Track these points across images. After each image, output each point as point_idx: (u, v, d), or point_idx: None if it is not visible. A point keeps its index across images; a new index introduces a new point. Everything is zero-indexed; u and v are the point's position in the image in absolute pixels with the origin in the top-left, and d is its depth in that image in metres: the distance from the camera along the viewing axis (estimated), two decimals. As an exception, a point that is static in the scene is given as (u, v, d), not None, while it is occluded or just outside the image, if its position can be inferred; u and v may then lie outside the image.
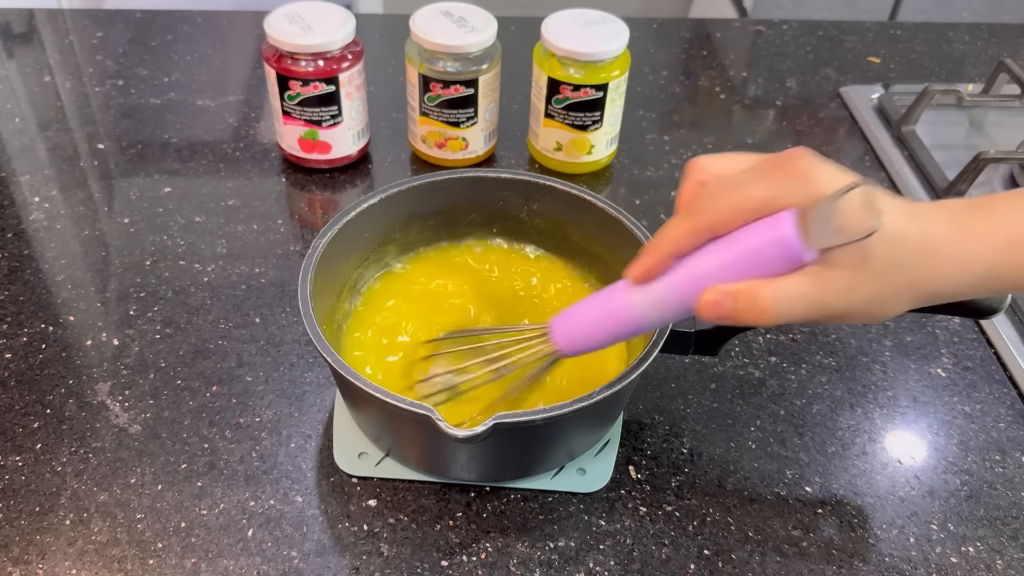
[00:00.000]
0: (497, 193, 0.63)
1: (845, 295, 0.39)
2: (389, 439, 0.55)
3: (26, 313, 0.66)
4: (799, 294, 0.39)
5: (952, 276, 0.40)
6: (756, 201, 0.39)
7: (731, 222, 0.40)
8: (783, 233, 0.38)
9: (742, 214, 0.39)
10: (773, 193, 0.39)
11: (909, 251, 0.39)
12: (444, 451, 0.53)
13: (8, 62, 0.94)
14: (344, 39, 0.73)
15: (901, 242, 0.38)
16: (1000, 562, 0.53)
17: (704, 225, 0.40)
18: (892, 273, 0.39)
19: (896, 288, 0.40)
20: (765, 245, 0.39)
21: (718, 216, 0.40)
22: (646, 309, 0.43)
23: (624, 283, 0.44)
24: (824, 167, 0.39)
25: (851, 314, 0.40)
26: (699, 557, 0.53)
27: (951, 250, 0.39)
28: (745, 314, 0.39)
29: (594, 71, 0.74)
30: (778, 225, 0.38)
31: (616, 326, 0.45)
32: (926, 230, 0.39)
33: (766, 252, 0.39)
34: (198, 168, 0.81)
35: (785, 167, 0.39)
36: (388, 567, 0.52)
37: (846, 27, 1.08)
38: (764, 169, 0.40)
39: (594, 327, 0.46)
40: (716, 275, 0.40)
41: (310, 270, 0.53)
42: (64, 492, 0.54)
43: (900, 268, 0.39)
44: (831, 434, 0.60)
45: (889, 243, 0.38)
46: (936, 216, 0.40)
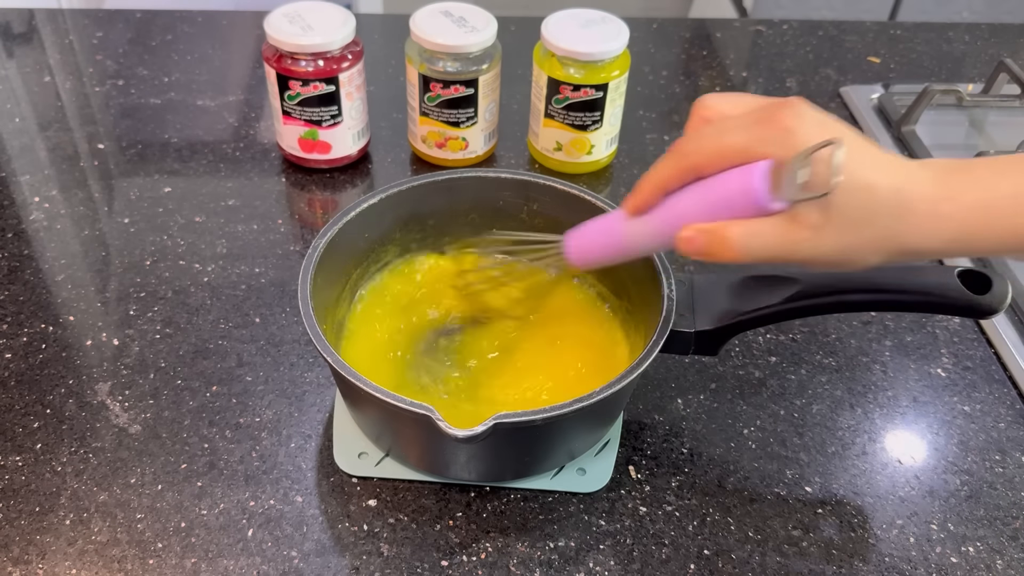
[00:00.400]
0: (497, 193, 0.63)
1: (811, 242, 0.41)
2: (389, 439, 0.55)
3: (26, 313, 0.66)
4: (764, 237, 0.41)
5: (925, 234, 0.41)
6: (737, 148, 0.41)
7: (713, 165, 0.42)
8: (752, 183, 0.41)
9: (723, 159, 0.42)
10: (753, 142, 0.41)
11: (881, 206, 0.40)
12: (444, 451, 0.53)
13: (8, 62, 0.94)
14: (344, 39, 0.73)
15: (872, 196, 0.40)
16: (1000, 562, 0.53)
17: (688, 166, 0.43)
18: (862, 226, 0.40)
19: (866, 240, 0.41)
20: (736, 191, 0.42)
21: (701, 159, 0.43)
22: (638, 237, 0.47)
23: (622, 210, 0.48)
24: (809, 120, 0.40)
25: (820, 261, 0.42)
26: (699, 557, 0.53)
27: (925, 208, 0.40)
28: (714, 250, 0.42)
29: (594, 71, 0.74)
30: (749, 175, 0.41)
31: (614, 249, 0.50)
32: (902, 187, 0.40)
33: (737, 198, 0.42)
34: (198, 168, 0.81)
35: (773, 119, 0.41)
36: (388, 567, 0.52)
37: (846, 27, 1.08)
38: (754, 118, 0.42)
39: (596, 248, 0.51)
40: (694, 214, 0.43)
41: (310, 270, 0.53)
42: (64, 492, 0.54)
43: (871, 222, 0.40)
44: (831, 434, 0.60)
45: (860, 196, 0.40)
46: (915, 174, 0.41)
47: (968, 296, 0.49)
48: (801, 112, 0.41)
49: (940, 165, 0.42)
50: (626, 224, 0.48)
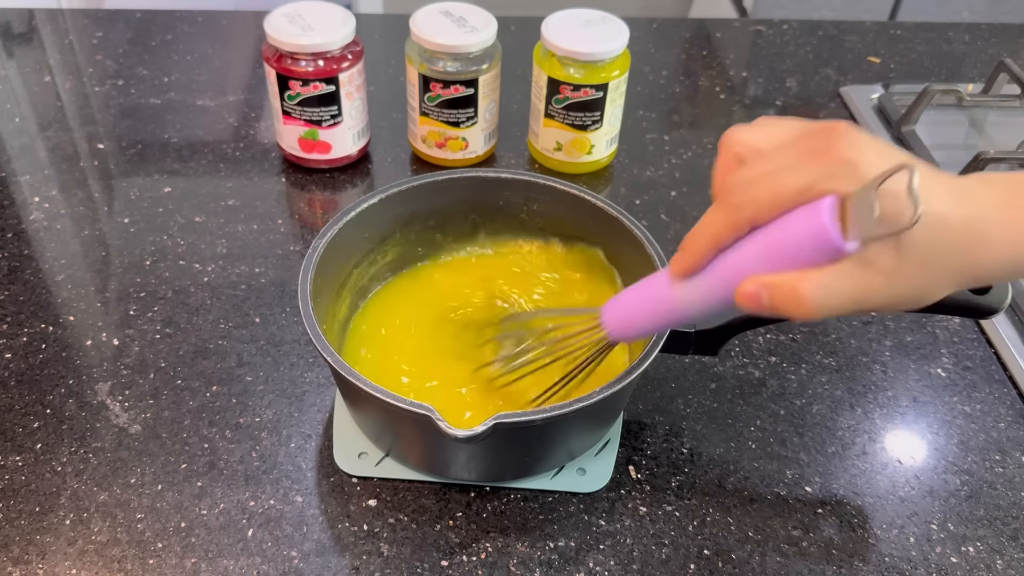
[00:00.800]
0: (497, 193, 0.63)
1: (888, 287, 0.37)
2: (389, 439, 0.55)
3: (26, 313, 0.66)
4: (840, 287, 0.37)
5: (1000, 260, 0.38)
6: (794, 189, 0.37)
7: (770, 212, 0.38)
8: (821, 224, 0.36)
9: (781, 204, 0.38)
10: (812, 180, 0.37)
11: (956, 237, 0.37)
12: (444, 451, 0.53)
13: (8, 62, 0.94)
14: (344, 39, 0.73)
15: (947, 227, 0.36)
16: (1000, 562, 0.53)
17: (743, 219, 0.39)
18: (937, 261, 0.37)
19: (941, 275, 0.38)
20: (802, 236, 0.37)
21: (756, 208, 0.38)
22: (690, 302, 0.43)
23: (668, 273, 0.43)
24: (867, 148, 0.36)
25: (894, 304, 0.38)
26: (699, 557, 0.53)
27: (1000, 233, 0.37)
28: (784, 306, 0.38)
29: (594, 71, 0.74)
30: (815, 215, 0.36)
31: (663, 317, 0.45)
32: (973, 214, 0.37)
33: (804, 243, 0.37)
34: (198, 168, 0.81)
35: (828, 151, 0.37)
36: (388, 567, 0.52)
37: (846, 27, 1.08)
38: (803, 152, 0.38)
39: (642, 318, 0.46)
40: (755, 266, 0.39)
41: (310, 270, 0.53)
42: (64, 492, 0.54)
43: (946, 255, 0.37)
44: (831, 434, 0.60)
45: (934, 230, 0.36)
46: (982, 197, 0.38)
47: (968, 296, 0.49)
48: (856, 140, 0.37)
49: (1004, 183, 0.38)
50: (674, 288, 0.43)
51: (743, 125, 0.41)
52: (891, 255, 0.36)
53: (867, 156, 0.36)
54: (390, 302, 0.63)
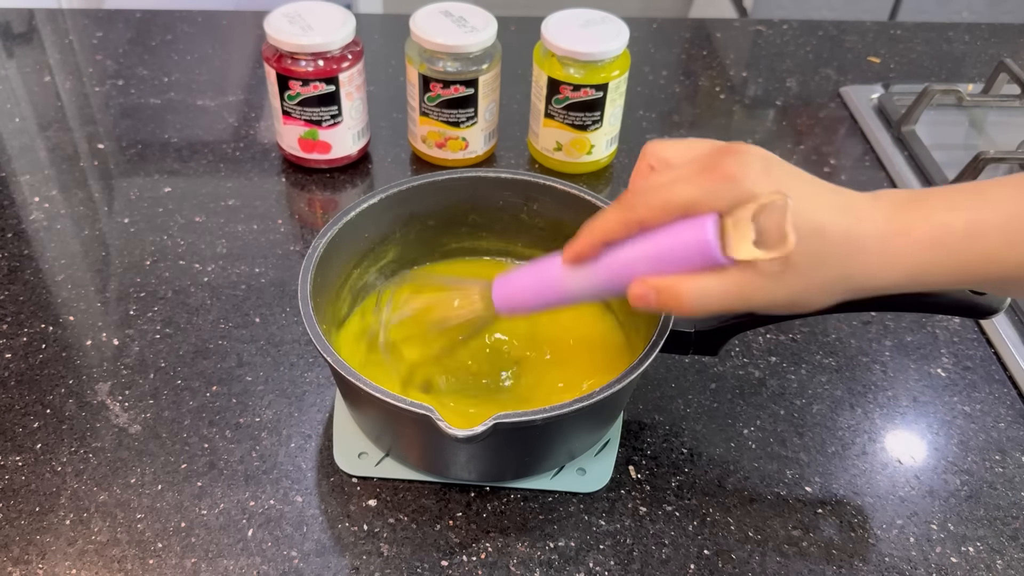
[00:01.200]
0: (497, 193, 0.63)
1: (764, 294, 0.40)
2: (389, 439, 0.55)
3: (26, 313, 0.66)
4: (718, 291, 0.41)
5: (879, 273, 0.40)
6: (683, 201, 0.40)
7: (659, 219, 0.41)
8: (702, 238, 0.40)
9: (669, 212, 0.41)
10: (699, 195, 0.40)
11: (832, 247, 0.39)
12: (444, 451, 0.53)
13: (8, 62, 0.94)
14: (344, 39, 0.73)
15: (823, 240, 0.39)
16: (1000, 562, 0.53)
17: (635, 220, 0.42)
18: (814, 271, 0.40)
19: (818, 285, 0.40)
20: (687, 246, 0.41)
21: (647, 212, 0.41)
22: (577, 286, 0.46)
23: (559, 257, 0.46)
24: (753, 167, 0.39)
25: (772, 308, 0.41)
26: (699, 557, 0.53)
27: (877, 247, 0.39)
28: (667, 306, 0.42)
29: (594, 71, 0.74)
30: (699, 229, 0.40)
31: (548, 297, 0.48)
32: (852, 227, 0.39)
33: (688, 252, 0.41)
34: (198, 168, 0.81)
35: (717, 167, 0.40)
36: (388, 567, 0.52)
37: (846, 27, 1.08)
38: (698, 167, 0.41)
39: (529, 295, 0.49)
40: (642, 267, 0.42)
41: (310, 270, 0.53)
42: (64, 492, 0.54)
43: (822, 265, 0.40)
44: (831, 434, 0.60)
45: (812, 242, 0.39)
46: (865, 211, 0.40)
47: (968, 296, 0.49)
48: (745, 159, 0.40)
49: (891, 199, 0.40)
50: (565, 273, 0.46)
51: (663, 140, 0.44)
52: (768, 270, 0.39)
53: (752, 174, 0.39)
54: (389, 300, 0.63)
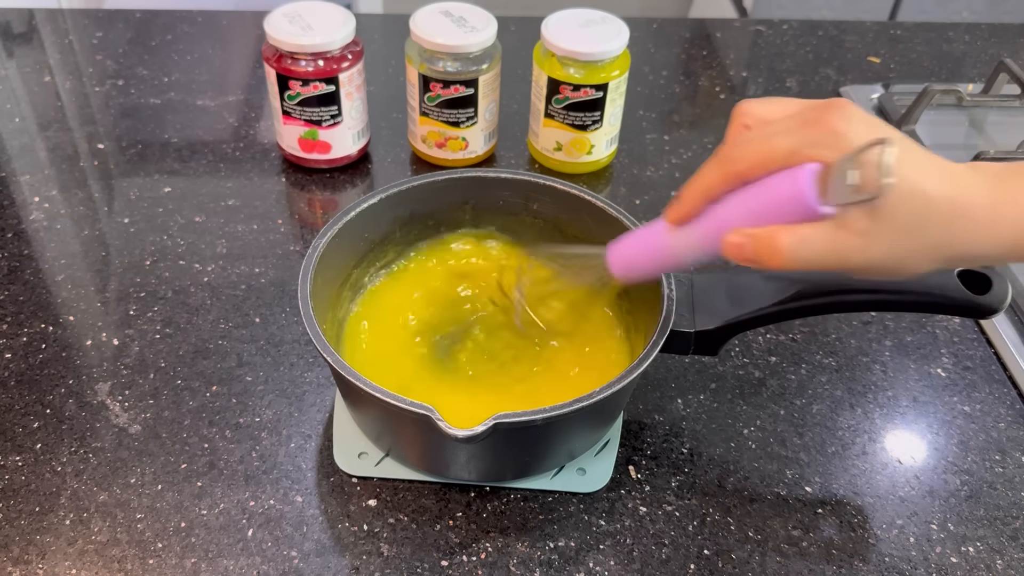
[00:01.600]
0: (497, 193, 0.63)
1: (862, 250, 0.39)
2: (389, 439, 0.55)
3: (26, 313, 0.66)
4: (815, 243, 0.39)
5: (982, 241, 0.39)
6: (783, 151, 0.40)
7: (759, 170, 0.41)
8: (799, 187, 0.39)
9: (770, 163, 0.40)
10: (800, 145, 0.39)
11: (935, 212, 0.38)
12: (444, 451, 0.53)
13: (8, 62, 0.94)
14: (344, 39, 0.73)
15: (926, 202, 0.38)
16: (1000, 562, 0.53)
17: (733, 173, 0.41)
18: (915, 232, 0.39)
19: (919, 247, 0.39)
20: (784, 196, 0.40)
21: (747, 165, 0.41)
22: (683, 249, 0.45)
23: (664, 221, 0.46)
24: (858, 121, 0.39)
25: (869, 269, 0.40)
26: (699, 557, 0.53)
27: (983, 214, 0.39)
28: (763, 257, 0.40)
29: (594, 71, 0.74)
30: (796, 179, 0.39)
31: (659, 261, 0.48)
32: (957, 191, 0.39)
33: (784, 203, 0.40)
34: (198, 168, 0.81)
35: (821, 120, 0.39)
36: (388, 567, 0.52)
37: (846, 27, 1.08)
38: (800, 120, 0.40)
39: (641, 260, 0.49)
40: (742, 221, 0.41)
41: (310, 270, 0.53)
42: (64, 492, 0.54)
43: (924, 228, 0.39)
44: (831, 434, 0.60)
45: (913, 202, 0.38)
46: (969, 178, 0.39)
47: (968, 296, 0.49)
48: (850, 113, 0.39)
49: (994, 170, 0.40)
50: (670, 235, 0.46)
51: (754, 99, 0.44)
52: (865, 220, 0.38)
53: (856, 129, 0.38)
54: (389, 301, 0.63)
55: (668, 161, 0.84)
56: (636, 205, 0.78)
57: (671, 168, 0.83)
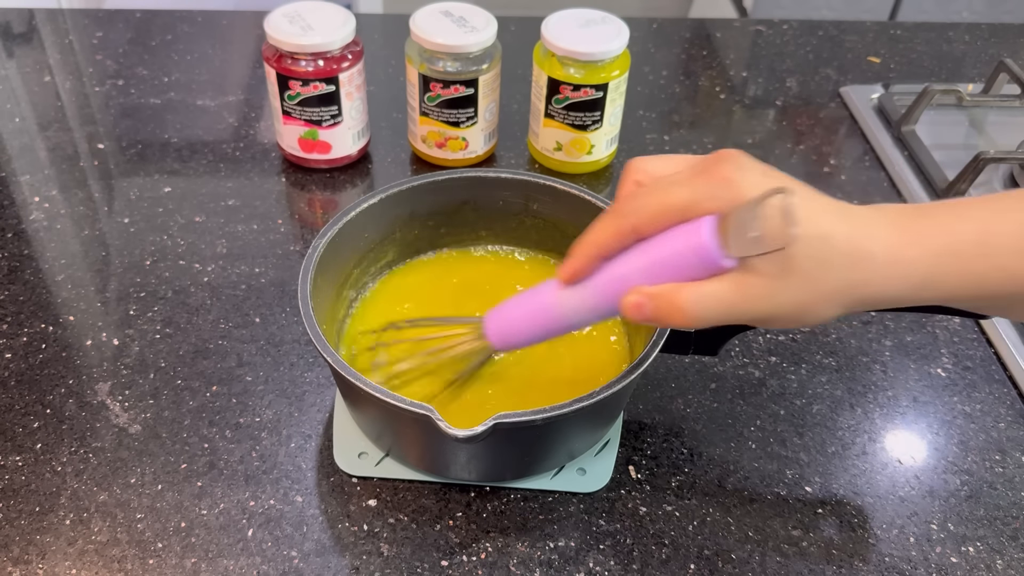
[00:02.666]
0: (497, 193, 0.63)
1: (767, 300, 0.39)
2: (389, 439, 0.55)
3: (26, 313, 0.66)
4: (718, 299, 0.39)
5: (885, 283, 0.39)
6: (679, 204, 0.39)
7: (654, 224, 0.40)
8: (701, 240, 0.38)
9: (664, 217, 0.39)
10: (696, 197, 0.39)
11: (837, 256, 0.38)
12: (444, 451, 0.53)
13: (8, 62, 0.94)
14: (344, 39, 0.73)
15: (828, 246, 0.38)
16: (1000, 562, 0.53)
17: (628, 227, 0.40)
18: (817, 278, 0.38)
19: (822, 293, 0.39)
20: (684, 250, 0.39)
21: (640, 218, 0.40)
22: (574, 308, 0.44)
23: (554, 281, 0.44)
24: (750, 170, 0.38)
25: (776, 318, 0.40)
26: (699, 557, 0.53)
27: (885, 256, 0.38)
28: (664, 316, 0.40)
29: (594, 71, 0.74)
30: (696, 232, 0.38)
31: (545, 324, 0.46)
32: (858, 234, 0.38)
33: (685, 257, 0.39)
34: (198, 168, 0.81)
35: (711, 171, 0.39)
36: (388, 567, 0.52)
37: (846, 27, 1.08)
38: (692, 172, 0.39)
39: (525, 324, 0.47)
40: (639, 278, 0.40)
41: (310, 270, 0.53)
42: (64, 492, 0.54)
43: (826, 273, 0.38)
44: (831, 434, 0.60)
45: (815, 247, 0.37)
46: (872, 221, 0.39)
47: None
48: (741, 163, 0.39)
49: (898, 211, 0.39)
50: (559, 295, 0.44)
51: (645, 156, 0.44)
52: (769, 271, 0.38)
53: (749, 177, 0.38)
54: (389, 301, 0.63)
55: (668, 161, 0.84)
56: (636, 205, 0.78)
57: (671, 168, 0.83)
